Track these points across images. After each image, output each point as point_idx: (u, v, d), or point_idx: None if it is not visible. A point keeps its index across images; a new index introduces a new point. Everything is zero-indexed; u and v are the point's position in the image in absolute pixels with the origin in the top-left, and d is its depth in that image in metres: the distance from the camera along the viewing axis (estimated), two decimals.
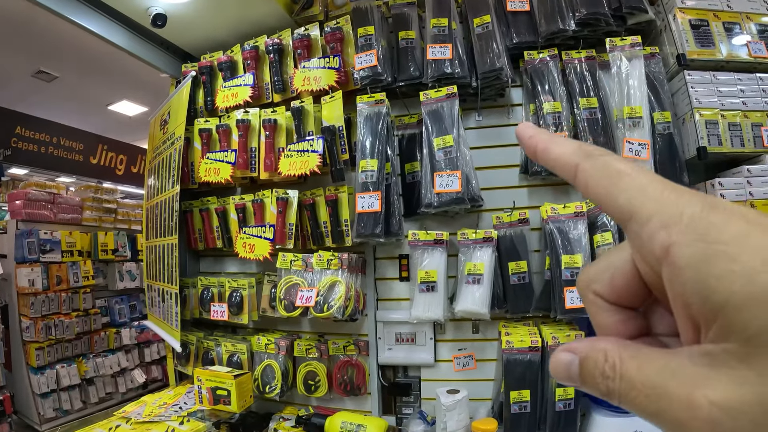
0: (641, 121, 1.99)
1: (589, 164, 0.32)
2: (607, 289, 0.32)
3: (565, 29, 2.11)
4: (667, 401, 0.25)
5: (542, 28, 2.17)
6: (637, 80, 2.04)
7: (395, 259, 2.38)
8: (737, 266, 0.24)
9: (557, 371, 0.31)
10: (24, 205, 4.83)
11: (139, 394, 5.36)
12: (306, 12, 2.61)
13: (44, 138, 6.65)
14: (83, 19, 2.45)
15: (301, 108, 2.33)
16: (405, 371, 2.42)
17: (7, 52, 5.55)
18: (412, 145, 2.35)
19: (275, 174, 2.35)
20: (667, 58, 2.13)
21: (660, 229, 0.27)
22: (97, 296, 5.48)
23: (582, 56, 2.17)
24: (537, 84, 2.18)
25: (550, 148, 0.34)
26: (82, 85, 6.52)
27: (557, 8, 2.14)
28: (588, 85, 2.14)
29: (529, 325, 2.13)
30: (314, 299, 2.11)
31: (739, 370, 0.24)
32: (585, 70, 2.16)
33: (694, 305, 0.26)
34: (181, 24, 2.64)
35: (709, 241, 0.25)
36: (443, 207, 2.06)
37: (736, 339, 0.24)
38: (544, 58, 2.18)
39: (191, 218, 2.75)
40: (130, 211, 6.05)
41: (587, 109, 2.10)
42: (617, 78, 2.07)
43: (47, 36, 5.14)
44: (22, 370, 4.79)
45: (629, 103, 2.01)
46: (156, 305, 2.90)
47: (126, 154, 8.05)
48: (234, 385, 2.19)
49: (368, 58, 2.23)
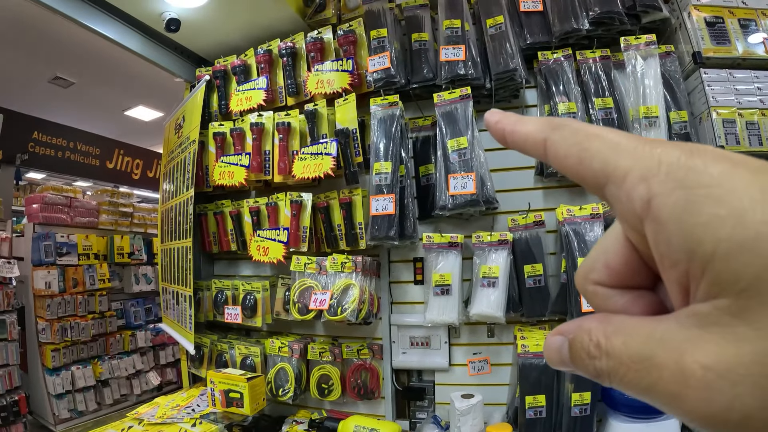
0: (657, 121, 1.96)
1: (557, 135, 0.29)
2: (604, 275, 0.29)
3: (579, 29, 2.09)
4: (657, 373, 0.23)
5: (556, 27, 2.15)
6: (652, 79, 2.01)
7: (410, 262, 2.36)
8: (723, 209, 0.21)
9: (550, 357, 0.29)
10: (41, 209, 4.90)
11: (153, 396, 5.39)
12: (319, 15, 2.62)
13: (61, 143, 6.74)
14: (99, 25, 2.49)
15: (314, 111, 2.33)
16: (419, 375, 2.41)
17: (25, 59, 5.64)
18: (426, 148, 2.34)
19: (289, 177, 2.35)
20: (682, 56, 2.09)
21: (638, 183, 0.24)
22: (113, 299, 5.53)
23: (596, 56, 2.14)
24: (551, 84, 2.16)
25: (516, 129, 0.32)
26: (98, 91, 6.61)
27: (570, 7, 2.12)
28: (603, 85, 2.12)
29: (544, 329, 2.10)
30: (328, 302, 2.11)
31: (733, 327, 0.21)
32: (600, 70, 2.14)
33: (681, 263, 0.23)
34: (194, 29, 2.67)
35: (690, 186, 0.23)
36: (458, 209, 2.05)
37: (728, 293, 0.21)
38: (559, 59, 2.16)
39: (206, 221, 2.76)
40: (146, 215, 6.11)
41: (602, 109, 2.08)
42: (632, 77, 2.04)
43: (64, 42, 5.22)
44: (38, 371, 4.85)
45: (645, 102, 1.99)
46: (171, 308, 2.92)
47: (142, 159, 8.14)
48: (247, 387, 2.19)
49: (381, 61, 2.23)
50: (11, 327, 4.61)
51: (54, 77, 6.14)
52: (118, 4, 2.49)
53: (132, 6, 2.52)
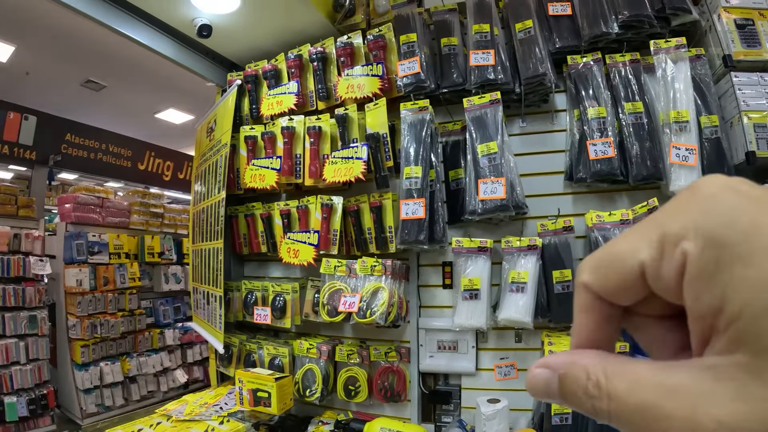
0: (688, 126, 1.93)
1: None
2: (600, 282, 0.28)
3: (609, 32, 2.08)
4: (666, 423, 0.23)
5: (585, 31, 2.14)
6: (682, 83, 1.98)
7: (438, 267, 2.37)
8: (752, 271, 0.22)
9: (535, 389, 0.29)
10: (74, 209, 5.02)
11: (180, 394, 5.48)
12: (348, 20, 2.65)
13: (93, 144, 6.91)
14: (134, 32, 2.57)
15: (345, 115, 2.36)
16: (446, 379, 2.41)
17: (58, 63, 5.81)
18: (456, 152, 2.35)
19: (320, 180, 2.38)
20: (712, 59, 2.05)
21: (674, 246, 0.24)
22: (143, 297, 5.63)
23: (626, 59, 2.13)
24: (581, 89, 2.15)
25: None
26: (129, 94, 6.77)
27: (600, 11, 2.11)
28: (633, 89, 2.10)
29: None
30: (357, 305, 2.13)
31: (748, 384, 0.22)
32: (629, 74, 2.12)
33: (708, 317, 0.23)
34: (225, 34, 2.72)
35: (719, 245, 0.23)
36: (487, 214, 2.05)
37: (748, 350, 0.22)
38: (588, 63, 2.15)
39: (236, 223, 2.81)
40: (176, 216, 6.21)
41: (632, 113, 2.06)
42: (662, 81, 2.01)
43: (95, 47, 5.37)
44: (67, 367, 4.97)
45: (675, 107, 1.96)
46: (201, 307, 2.97)
47: (173, 161, 8.29)
48: (275, 387, 2.22)
49: (411, 65, 2.24)
50: (42, 323, 4.76)
51: (86, 81, 6.31)
52: (151, 11, 2.56)
53: (165, 13, 2.58)
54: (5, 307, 4.53)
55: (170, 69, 4.18)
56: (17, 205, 4.95)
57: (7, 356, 4.47)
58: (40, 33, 5.13)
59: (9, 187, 5.03)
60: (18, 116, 5.90)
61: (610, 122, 2.08)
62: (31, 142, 6.01)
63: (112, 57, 5.60)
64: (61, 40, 5.25)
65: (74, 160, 6.63)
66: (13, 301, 4.57)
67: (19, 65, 5.85)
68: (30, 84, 6.31)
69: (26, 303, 4.67)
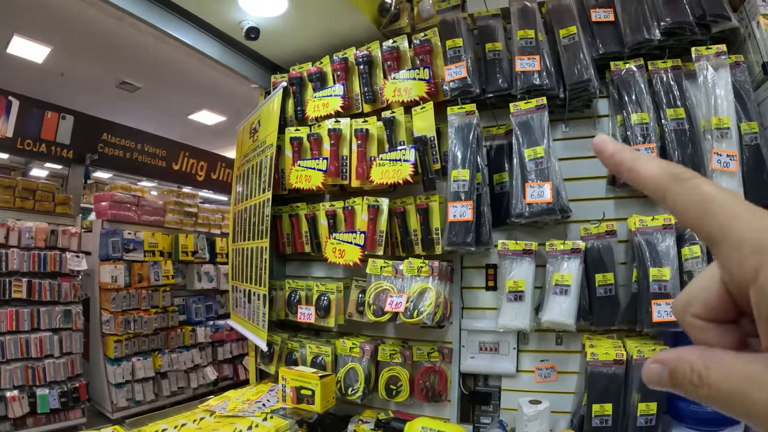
0: (729, 132, 1.93)
1: (679, 188, 0.34)
2: (702, 310, 0.34)
3: (651, 39, 2.09)
4: (751, 404, 0.29)
5: (628, 38, 2.14)
6: (723, 90, 1.98)
7: (482, 269, 2.39)
8: None
9: (650, 380, 0.35)
10: (110, 206, 5.13)
11: (209, 391, 5.58)
12: (393, 25, 2.68)
13: (129, 144, 7.04)
14: (181, 34, 2.63)
15: (392, 118, 2.39)
16: (485, 380, 2.43)
17: (94, 65, 5.96)
18: (500, 156, 2.37)
19: (366, 182, 2.42)
20: (752, 66, 2.04)
21: (751, 254, 0.29)
22: (176, 295, 5.74)
23: (668, 66, 2.12)
24: (624, 95, 2.16)
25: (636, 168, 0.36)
26: (163, 96, 6.92)
27: (642, 18, 2.12)
28: (674, 95, 2.10)
29: (613, 338, 2.10)
30: (404, 305, 2.15)
31: None
32: (671, 80, 2.12)
33: None
34: (271, 36, 2.77)
35: None
36: (534, 217, 2.07)
37: None
38: (631, 69, 2.15)
39: (280, 223, 2.86)
40: (210, 216, 6.30)
41: (674, 120, 2.06)
42: (704, 88, 2.01)
43: (130, 49, 5.50)
44: (99, 361, 5.08)
45: (717, 113, 1.96)
46: (241, 305, 3.03)
47: (206, 161, 8.41)
48: (319, 385, 2.25)
49: (458, 70, 2.27)
50: (76, 317, 4.88)
51: (121, 82, 6.46)
52: (199, 13, 2.62)
53: (212, 15, 2.64)
54: (41, 301, 4.65)
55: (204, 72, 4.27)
56: (54, 202, 5.08)
57: (42, 349, 4.59)
58: (76, 35, 5.27)
59: (47, 185, 5.16)
60: (55, 116, 6.05)
61: (653, 128, 2.08)
62: (68, 141, 6.15)
63: (147, 59, 5.73)
64: (96, 42, 5.39)
65: (110, 159, 6.77)
66: (49, 295, 4.69)
67: (55, 66, 6.02)
68: (66, 84, 6.48)
69: (61, 298, 4.79)
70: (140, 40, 4.82)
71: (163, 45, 2.56)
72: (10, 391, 4.32)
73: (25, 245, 4.58)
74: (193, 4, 2.55)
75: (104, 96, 6.80)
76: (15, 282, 4.47)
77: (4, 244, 4.46)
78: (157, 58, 5.59)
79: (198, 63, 2.89)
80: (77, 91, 6.61)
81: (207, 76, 5.43)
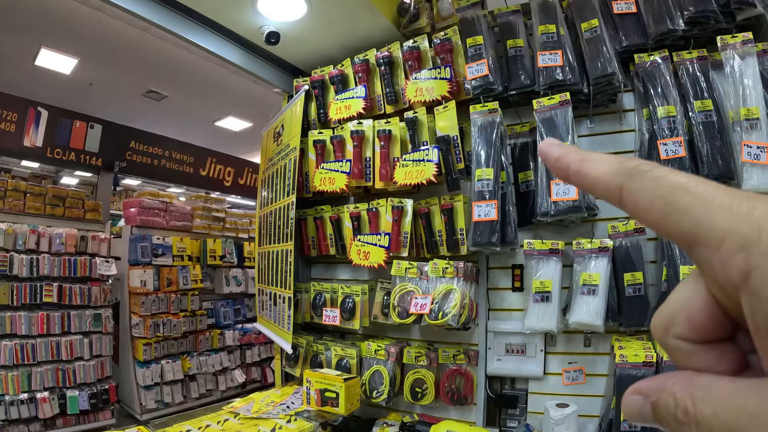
0: (759, 123, 1.85)
1: (636, 184, 0.28)
2: (686, 330, 0.28)
3: (675, 29, 2.02)
4: None
5: (651, 29, 2.09)
6: (751, 79, 1.90)
7: (508, 269, 2.36)
8: None
9: (631, 415, 0.29)
10: (139, 212, 5.25)
11: (237, 393, 5.64)
12: (413, 25, 2.67)
13: (157, 151, 7.20)
14: (203, 41, 2.67)
15: (415, 118, 2.38)
16: (512, 383, 2.39)
17: (120, 74, 6.12)
18: (524, 154, 2.33)
19: (390, 183, 2.41)
20: None
21: (736, 252, 0.23)
22: (204, 299, 5.83)
23: (693, 56, 2.06)
24: (649, 87, 2.10)
25: (583, 170, 0.30)
26: (189, 103, 7.06)
27: (665, 8, 2.05)
28: (701, 86, 2.03)
29: (642, 339, 2.04)
30: (429, 307, 2.14)
31: None
32: (698, 71, 2.05)
33: None
34: (292, 40, 2.79)
35: None
36: (560, 215, 2.03)
37: None
38: (655, 60, 2.09)
39: (305, 226, 2.87)
40: (237, 220, 6.40)
41: (702, 111, 1.99)
42: (731, 78, 1.94)
43: (155, 59, 5.63)
44: (129, 364, 5.19)
45: (745, 104, 1.88)
46: (267, 308, 3.05)
47: (233, 167, 8.56)
48: (343, 388, 2.25)
49: (479, 68, 2.25)
50: (106, 321, 5.01)
51: (148, 91, 6.61)
52: (219, 19, 2.66)
53: (232, 21, 2.67)
54: (72, 305, 4.78)
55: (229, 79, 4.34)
56: (84, 209, 5.22)
57: (72, 352, 4.71)
58: (102, 46, 5.42)
59: (77, 192, 5.31)
60: (84, 125, 6.22)
61: (680, 121, 2.02)
62: (97, 149, 6.32)
63: (172, 68, 5.85)
64: (122, 52, 5.53)
65: (138, 167, 6.93)
66: (79, 299, 4.82)
67: (83, 77, 6.21)
68: (93, 94, 6.67)
69: (92, 302, 4.91)
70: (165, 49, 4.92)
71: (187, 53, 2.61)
72: (41, 393, 4.44)
73: (55, 251, 4.71)
74: (214, 11, 2.58)
75: (131, 105, 6.96)
76: (46, 286, 4.59)
77: (35, 249, 4.59)
78: (182, 67, 5.71)
79: (223, 70, 2.92)
80: (105, 101, 6.79)
81: (232, 83, 5.52)
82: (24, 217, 4.75)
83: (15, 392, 4.29)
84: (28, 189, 4.85)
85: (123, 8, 2.32)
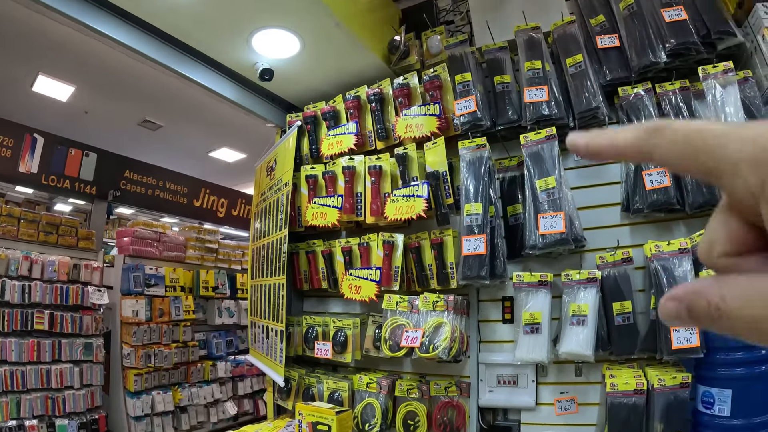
0: None
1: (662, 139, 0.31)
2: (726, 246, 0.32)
3: (657, 61, 2.10)
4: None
5: (634, 62, 2.16)
6: (733, 107, 1.96)
7: (498, 302, 2.38)
8: None
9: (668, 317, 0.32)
10: (132, 242, 5.22)
11: (229, 426, 5.54)
12: (403, 62, 2.75)
13: (151, 181, 7.18)
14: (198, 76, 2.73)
15: (405, 154, 2.43)
16: (504, 414, 2.40)
17: (115, 103, 6.17)
18: (513, 188, 2.38)
19: (381, 218, 2.45)
20: (760, 80, 2.03)
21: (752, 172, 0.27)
22: (196, 330, 5.75)
23: (676, 87, 2.13)
24: (633, 119, 2.16)
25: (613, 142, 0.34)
26: (184, 134, 7.10)
27: (647, 41, 2.13)
28: (684, 116, 2.09)
29: (633, 368, 2.06)
30: (420, 340, 2.16)
31: None
32: (680, 101, 2.12)
33: None
34: (285, 77, 2.85)
35: None
36: (548, 248, 2.07)
37: None
38: (639, 93, 2.16)
39: (297, 260, 2.89)
40: (230, 252, 6.36)
41: None
42: (713, 107, 2.00)
43: (151, 89, 5.68)
44: (119, 394, 5.09)
45: None
46: (259, 341, 3.04)
47: (227, 198, 8.53)
48: (335, 421, 2.23)
49: (468, 104, 2.31)
50: (97, 350, 4.93)
51: (143, 120, 6.65)
52: (215, 56, 2.72)
53: (228, 58, 2.74)
54: (63, 333, 4.70)
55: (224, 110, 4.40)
56: (77, 237, 5.19)
57: (62, 380, 4.62)
58: (99, 74, 5.47)
59: (70, 220, 5.28)
60: (79, 153, 6.21)
61: None
62: (91, 178, 6.30)
63: (168, 98, 5.90)
64: (118, 81, 5.57)
65: (133, 196, 6.90)
66: (71, 328, 4.74)
67: (79, 104, 6.24)
68: (89, 122, 6.70)
69: (83, 330, 4.84)
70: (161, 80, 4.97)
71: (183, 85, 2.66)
72: (30, 420, 4.34)
73: (48, 278, 4.66)
74: (210, 48, 2.65)
75: (127, 134, 6.99)
76: (37, 314, 4.53)
77: (28, 276, 4.54)
78: (178, 97, 5.75)
79: (217, 102, 2.97)
80: (100, 129, 6.81)
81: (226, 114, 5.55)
82: (17, 243, 4.71)
83: (3, 419, 4.20)
84: (22, 215, 4.82)
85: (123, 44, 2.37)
